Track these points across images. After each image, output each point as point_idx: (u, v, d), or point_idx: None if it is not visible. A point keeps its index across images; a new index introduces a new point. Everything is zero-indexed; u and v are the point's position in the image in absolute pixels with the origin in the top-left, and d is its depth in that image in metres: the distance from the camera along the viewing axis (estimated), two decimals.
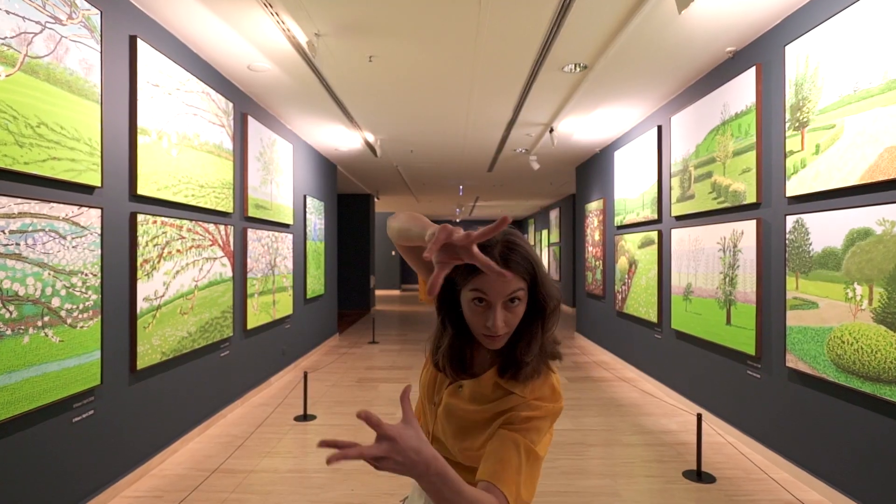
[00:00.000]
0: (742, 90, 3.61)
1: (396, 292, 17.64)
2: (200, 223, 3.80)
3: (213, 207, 3.99)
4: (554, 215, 14.46)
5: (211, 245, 3.98)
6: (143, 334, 3.10)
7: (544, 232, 16.10)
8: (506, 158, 7.81)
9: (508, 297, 0.95)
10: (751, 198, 3.49)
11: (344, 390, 5.15)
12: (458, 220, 20.96)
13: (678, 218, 4.70)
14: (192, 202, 3.67)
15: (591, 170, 7.70)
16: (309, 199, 6.73)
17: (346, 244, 12.45)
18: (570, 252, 12.41)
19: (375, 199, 13.17)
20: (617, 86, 4.58)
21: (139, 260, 3.05)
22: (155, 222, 3.22)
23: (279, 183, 5.54)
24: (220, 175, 4.12)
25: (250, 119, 4.72)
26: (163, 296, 3.29)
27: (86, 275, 2.59)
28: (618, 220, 6.34)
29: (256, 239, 4.91)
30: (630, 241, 5.91)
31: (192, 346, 3.68)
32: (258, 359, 5.03)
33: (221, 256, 4.16)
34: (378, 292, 17.45)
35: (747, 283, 3.56)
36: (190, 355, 3.71)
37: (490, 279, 0.93)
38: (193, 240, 3.70)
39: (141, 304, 3.07)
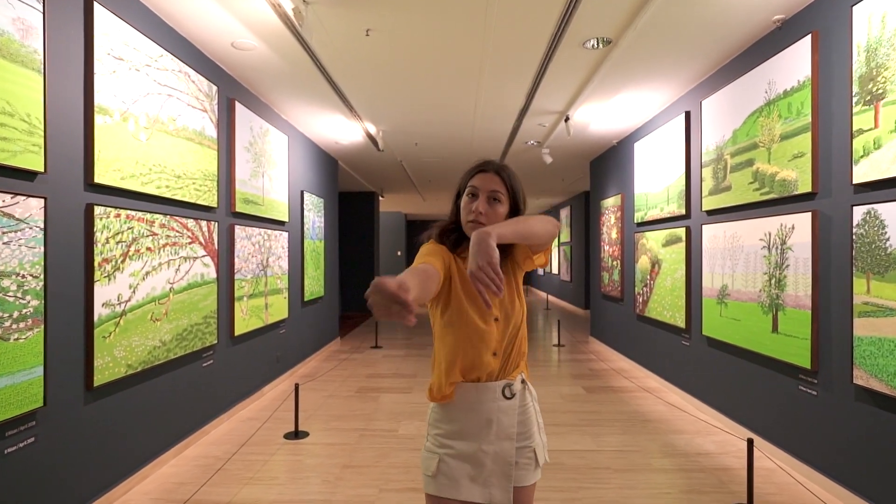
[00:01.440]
0: (792, 64, 3.14)
1: None
2: (177, 218, 3.39)
3: (193, 201, 3.57)
4: (564, 214, 13.98)
5: (190, 243, 3.56)
6: (103, 345, 2.68)
7: None
8: (516, 153, 7.36)
9: (491, 192, 1.35)
10: (804, 187, 3.03)
11: (341, 402, 4.72)
12: None
13: (710, 212, 4.23)
14: (167, 194, 3.25)
15: (607, 163, 7.24)
16: (307, 196, 6.32)
17: (349, 244, 12.04)
18: (583, 252, 11.94)
19: (380, 198, 12.75)
20: (642, 66, 4.13)
21: (97, 259, 2.63)
22: (118, 216, 2.80)
23: (272, 177, 5.12)
24: (202, 165, 3.71)
25: (238, 105, 4.31)
26: (129, 300, 2.88)
27: (22, 276, 2.17)
28: (638, 217, 5.87)
29: (246, 237, 4.50)
30: (652, 239, 5.45)
31: (167, 357, 3.26)
32: (248, 367, 4.61)
33: (203, 256, 3.74)
34: None
35: (799, 285, 3.09)
36: (164, 367, 3.29)
37: (480, 178, 1.38)
38: (168, 237, 3.28)
39: (100, 311, 2.65)
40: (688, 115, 4.64)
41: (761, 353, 3.46)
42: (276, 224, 5.30)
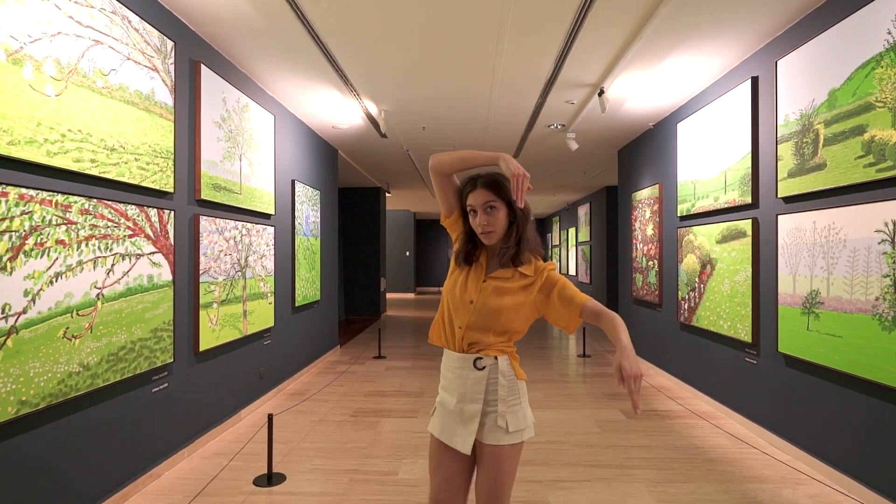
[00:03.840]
0: None
1: (411, 296, 16.42)
2: (110, 203, 2.60)
3: (135, 182, 2.79)
4: (583, 211, 13.11)
5: (131, 236, 2.78)
6: None
7: (571, 230, 14.75)
8: (536, 139, 6.53)
9: (486, 204, 1.55)
10: None
11: (332, 429, 3.91)
12: None
13: (790, 199, 3.38)
14: (93, 171, 2.47)
15: (640, 150, 6.38)
16: (299, 186, 5.53)
17: (353, 243, 11.27)
18: (604, 251, 11.07)
19: (387, 194, 11.97)
20: (701, 20, 3.29)
21: None
22: (4, 194, 2.02)
23: (253, 161, 4.34)
24: (151, 138, 2.93)
25: (205, 70, 3.53)
26: (22, 312, 2.09)
27: None
28: (682, 210, 5.02)
29: (216, 230, 3.71)
30: (703, 235, 4.59)
31: (93, 385, 2.48)
32: (218, 389, 3.82)
33: (152, 252, 2.96)
34: (390, 295, 16.26)
35: None
36: (88, 398, 2.50)
37: (472, 196, 1.58)
38: (95, 227, 2.50)
39: None
40: (755, 81, 3.78)
41: (878, 383, 2.60)
42: (259, 217, 4.52)
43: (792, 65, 3.32)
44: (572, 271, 14.46)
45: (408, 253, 16.56)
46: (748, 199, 3.84)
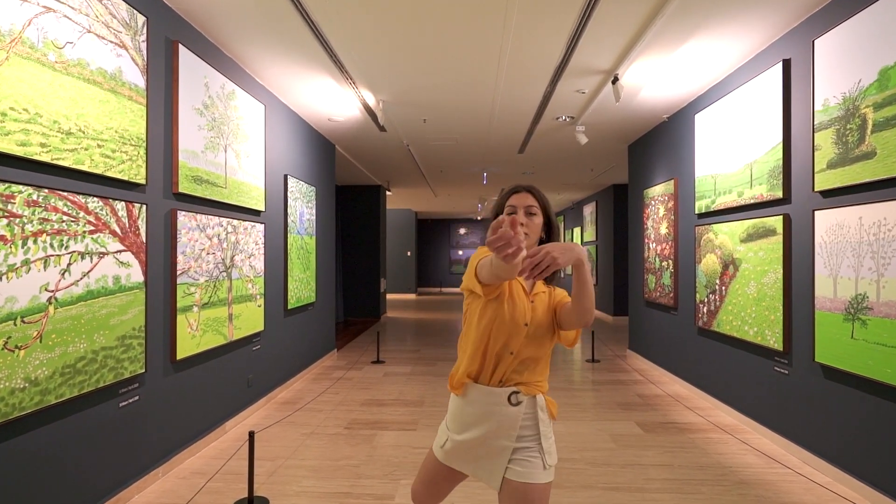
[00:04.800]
0: None
1: (412, 296, 16.10)
2: (65, 195, 2.29)
3: (98, 172, 2.48)
4: (588, 211, 12.77)
5: (93, 232, 2.46)
6: None
7: (576, 230, 14.41)
8: (543, 133, 6.20)
9: (527, 207, 1.57)
10: None
11: (325, 444, 3.59)
12: (479, 218, 19.39)
13: (828, 193, 3.05)
14: (44, 157, 2.16)
15: (653, 144, 6.05)
16: (292, 181, 5.22)
17: (352, 243, 10.96)
18: (610, 251, 10.73)
19: (387, 192, 11.65)
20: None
21: None
22: None
23: (241, 153, 4.02)
24: (117, 122, 2.61)
25: (183, 51, 3.21)
26: None
27: None
28: (701, 206, 4.69)
29: (197, 227, 3.40)
30: (725, 233, 4.26)
31: (42, 403, 2.16)
32: (200, 400, 3.51)
33: (119, 251, 2.64)
34: (390, 296, 15.95)
35: None
36: (36, 418, 2.19)
37: (516, 197, 1.60)
38: (45, 221, 2.18)
39: None
40: (786, 64, 3.46)
41: None
42: (247, 213, 4.20)
43: (832, 43, 2.99)
44: None
45: (409, 253, 16.25)
46: (778, 194, 3.51)
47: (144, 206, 2.85)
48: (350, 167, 8.56)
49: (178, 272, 3.18)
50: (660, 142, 5.82)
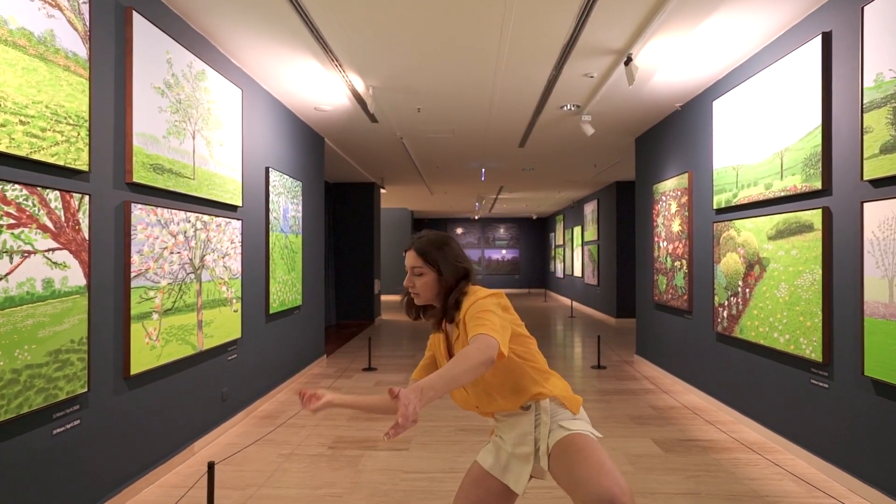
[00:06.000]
0: None
1: None
2: None
3: (20, 154, 2.05)
4: (590, 209, 12.38)
5: (14, 227, 2.04)
6: None
7: (576, 229, 14.01)
8: (546, 124, 5.80)
9: (412, 268, 1.57)
10: None
11: (304, 468, 3.17)
12: (476, 217, 18.99)
13: (882, 181, 2.65)
14: None
15: (663, 136, 5.65)
16: (275, 175, 4.80)
17: (345, 243, 10.53)
18: (613, 251, 10.33)
19: (381, 190, 11.23)
20: None
21: None
22: None
23: (212, 140, 3.60)
24: (49, 96, 2.19)
25: (139, 19, 2.79)
26: None
27: None
28: (720, 201, 4.29)
29: (157, 222, 2.98)
30: (749, 230, 3.86)
31: None
32: (162, 419, 3.08)
33: (51, 249, 2.22)
34: (385, 298, 15.51)
35: None
36: None
37: (406, 258, 1.61)
38: None
39: None
40: (826, 37, 3.06)
41: None
42: (221, 208, 3.78)
43: (887, 8, 2.59)
44: (578, 272, 13.72)
45: (404, 252, 15.81)
46: (816, 185, 3.12)
47: (87, 197, 2.43)
48: (342, 163, 8.14)
49: (133, 274, 2.76)
50: (671, 133, 5.42)
